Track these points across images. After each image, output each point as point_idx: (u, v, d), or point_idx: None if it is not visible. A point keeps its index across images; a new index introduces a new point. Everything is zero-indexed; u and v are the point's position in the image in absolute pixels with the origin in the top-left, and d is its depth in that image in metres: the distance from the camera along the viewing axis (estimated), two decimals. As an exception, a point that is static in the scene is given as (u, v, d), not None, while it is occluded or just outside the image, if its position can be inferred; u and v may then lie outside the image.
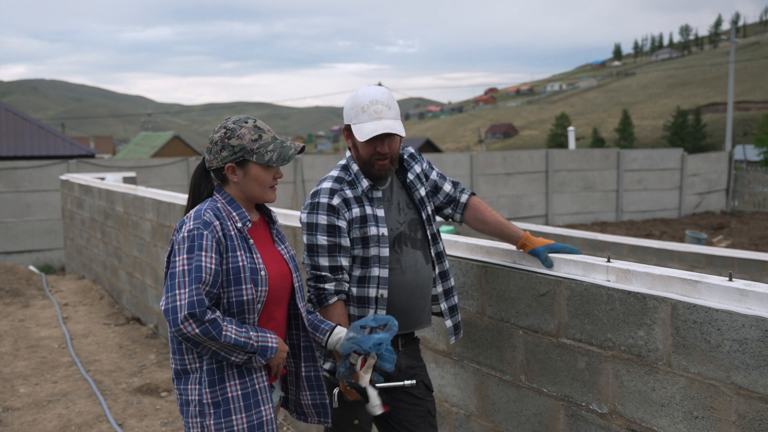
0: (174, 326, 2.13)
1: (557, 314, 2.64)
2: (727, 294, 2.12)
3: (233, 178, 2.32)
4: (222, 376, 2.25)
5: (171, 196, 6.68)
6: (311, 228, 2.63)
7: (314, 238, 2.62)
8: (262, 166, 2.31)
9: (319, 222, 2.62)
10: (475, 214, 2.91)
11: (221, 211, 2.29)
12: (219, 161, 2.31)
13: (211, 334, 2.13)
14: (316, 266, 2.63)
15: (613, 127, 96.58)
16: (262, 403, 2.31)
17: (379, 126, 2.57)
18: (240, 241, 2.28)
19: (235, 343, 2.17)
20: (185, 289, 2.13)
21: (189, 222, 2.23)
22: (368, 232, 2.65)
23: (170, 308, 2.13)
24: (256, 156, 2.29)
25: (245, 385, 2.28)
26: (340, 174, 2.71)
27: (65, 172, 15.22)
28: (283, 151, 2.32)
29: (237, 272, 2.24)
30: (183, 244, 2.19)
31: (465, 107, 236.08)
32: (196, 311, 2.10)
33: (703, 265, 9.16)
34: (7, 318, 7.75)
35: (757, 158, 45.41)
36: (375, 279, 2.66)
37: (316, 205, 2.63)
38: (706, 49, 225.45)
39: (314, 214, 2.63)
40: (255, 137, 2.30)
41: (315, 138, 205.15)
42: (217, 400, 2.25)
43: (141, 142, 49.45)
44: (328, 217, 2.61)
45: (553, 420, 2.70)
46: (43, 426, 4.83)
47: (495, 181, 20.62)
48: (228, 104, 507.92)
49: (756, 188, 24.21)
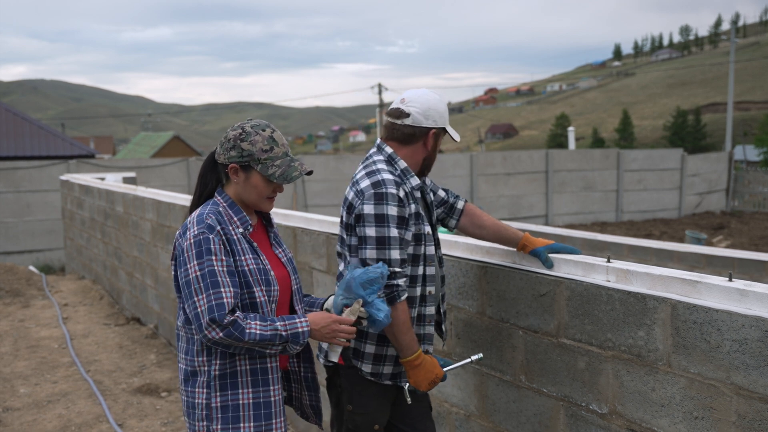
0: (200, 333, 2.15)
1: (557, 314, 2.64)
2: (727, 294, 2.12)
3: (234, 178, 2.33)
4: (235, 381, 2.25)
5: (171, 197, 6.68)
6: (382, 219, 2.47)
7: (386, 230, 2.47)
8: (264, 178, 2.31)
9: (390, 213, 2.48)
10: (472, 220, 2.91)
11: (223, 215, 2.29)
12: (226, 158, 2.32)
13: (234, 335, 2.13)
14: (388, 260, 2.48)
15: (613, 127, 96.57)
16: (274, 416, 2.30)
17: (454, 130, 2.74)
18: (244, 245, 2.29)
19: (261, 338, 2.17)
20: (202, 295, 2.15)
21: (193, 227, 2.23)
22: (422, 229, 2.63)
23: (194, 316, 2.17)
24: (261, 166, 2.29)
25: (258, 395, 2.27)
26: (388, 167, 2.61)
27: (65, 172, 15.22)
28: (288, 170, 2.32)
29: (245, 276, 2.25)
30: (191, 250, 2.19)
31: (465, 107, 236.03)
32: (216, 315, 2.12)
33: (703, 265, 9.15)
34: (7, 318, 7.75)
35: (757, 158, 45.40)
36: (422, 278, 2.66)
37: (385, 195, 2.49)
38: (706, 49, 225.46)
39: (383, 204, 2.48)
40: (267, 148, 2.30)
41: (315, 138, 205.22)
42: (227, 405, 2.24)
43: (141, 142, 49.48)
44: (399, 209, 2.50)
45: (553, 420, 2.70)
46: (43, 426, 4.83)
47: (495, 182, 20.62)
48: (228, 104, 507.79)
49: (756, 188, 24.22)
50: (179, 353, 2.35)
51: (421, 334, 2.69)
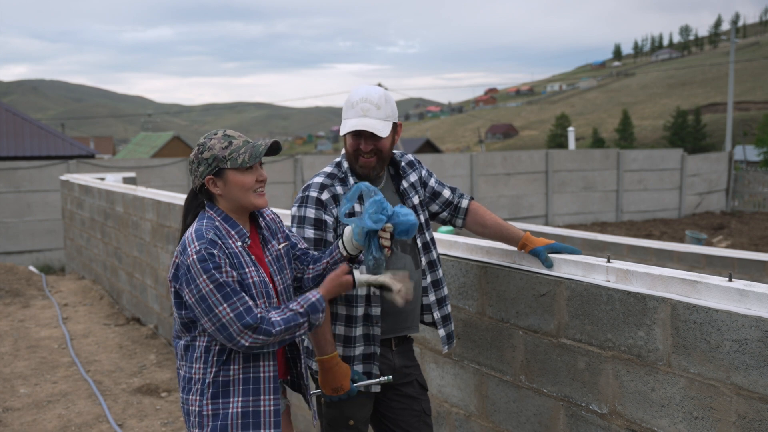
0: (231, 341, 2.16)
1: (557, 314, 2.64)
2: (727, 294, 2.12)
3: (215, 190, 2.31)
4: (227, 390, 2.25)
5: (171, 197, 6.68)
6: (300, 221, 2.67)
7: (302, 231, 2.65)
8: (239, 171, 2.29)
9: (307, 215, 2.65)
10: (475, 218, 2.93)
11: (220, 230, 2.28)
12: (199, 177, 2.31)
13: (265, 331, 2.17)
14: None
15: (613, 127, 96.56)
16: (263, 426, 2.28)
17: (359, 123, 2.60)
18: (246, 257, 2.29)
19: (286, 326, 2.21)
20: (224, 305, 2.16)
21: (194, 243, 2.21)
22: None
23: (219, 327, 2.16)
24: (230, 162, 2.28)
25: (247, 404, 2.26)
26: (333, 170, 2.74)
27: (65, 173, 15.22)
28: (253, 150, 2.30)
29: (249, 289, 2.25)
30: (196, 266, 2.17)
31: (465, 107, 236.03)
32: (247, 320, 2.15)
33: (703, 265, 9.15)
34: (7, 318, 7.75)
35: (757, 158, 45.39)
36: None
37: (306, 198, 2.67)
38: (706, 49, 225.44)
39: (303, 207, 2.66)
40: (225, 145, 2.29)
41: (315, 138, 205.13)
42: (217, 413, 2.24)
43: (141, 142, 49.45)
44: (316, 211, 2.64)
45: (553, 420, 2.70)
46: (43, 426, 4.83)
47: (495, 182, 20.62)
48: (228, 104, 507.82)
49: (756, 188, 24.21)
50: (181, 360, 2.35)
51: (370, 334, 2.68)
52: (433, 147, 56.87)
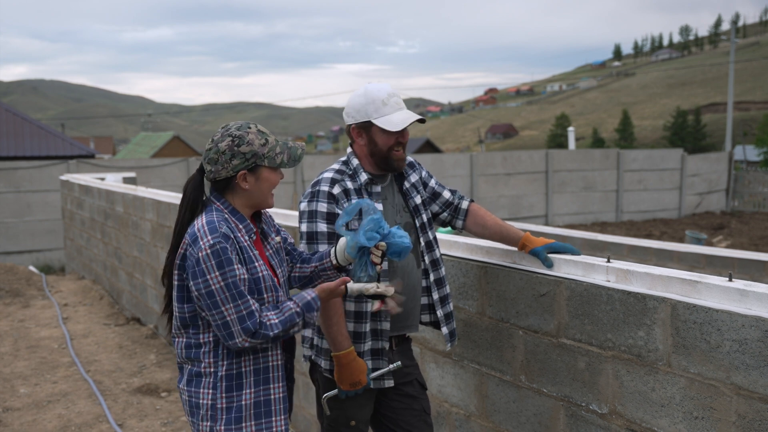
0: (230, 341, 2.19)
1: (557, 314, 2.64)
2: (727, 294, 2.12)
3: (245, 185, 2.29)
4: (240, 382, 2.28)
5: (171, 197, 6.68)
6: (312, 215, 2.64)
7: (315, 225, 2.63)
8: (272, 170, 2.32)
9: (319, 209, 2.64)
10: (475, 219, 2.95)
11: (230, 222, 2.28)
12: (230, 170, 2.27)
13: (263, 335, 2.20)
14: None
15: (613, 127, 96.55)
16: (274, 414, 2.32)
17: (408, 115, 2.65)
18: (254, 251, 2.30)
19: (283, 327, 2.23)
20: (229, 305, 2.17)
21: (207, 236, 2.19)
22: None
23: (222, 325, 2.18)
24: (268, 160, 2.29)
25: (259, 394, 2.30)
26: (341, 167, 2.75)
27: (65, 173, 15.22)
28: (290, 152, 2.34)
29: (258, 282, 2.27)
30: (209, 260, 2.16)
31: (465, 107, 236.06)
32: (248, 324, 2.17)
33: (703, 265, 9.15)
34: (7, 318, 7.75)
35: (757, 158, 45.40)
36: None
37: (317, 193, 2.66)
38: (706, 49, 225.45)
39: (314, 201, 2.65)
40: (263, 142, 2.30)
41: (315, 138, 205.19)
42: (231, 406, 2.26)
43: (141, 142, 49.43)
44: (329, 205, 2.64)
45: (553, 420, 2.70)
46: (43, 426, 4.83)
47: (495, 182, 20.62)
48: (228, 104, 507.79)
49: (756, 188, 24.21)
50: (179, 355, 2.35)
51: (378, 329, 2.69)
52: (433, 147, 56.85)
